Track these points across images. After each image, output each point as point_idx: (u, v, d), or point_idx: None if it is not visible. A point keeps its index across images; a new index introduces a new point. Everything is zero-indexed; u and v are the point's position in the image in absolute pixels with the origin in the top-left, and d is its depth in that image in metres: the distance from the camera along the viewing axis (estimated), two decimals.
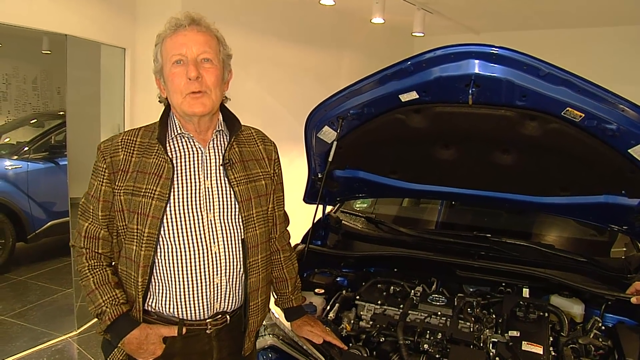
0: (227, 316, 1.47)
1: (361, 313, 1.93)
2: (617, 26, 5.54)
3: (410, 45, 6.35)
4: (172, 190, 1.37)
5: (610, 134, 1.61)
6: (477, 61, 1.57)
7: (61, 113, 5.72)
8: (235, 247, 1.44)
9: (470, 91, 1.63)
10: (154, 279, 1.40)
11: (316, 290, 2.04)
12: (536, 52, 1.61)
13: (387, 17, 4.46)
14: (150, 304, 1.43)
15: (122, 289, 1.43)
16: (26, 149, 5.02)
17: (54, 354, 3.35)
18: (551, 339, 1.70)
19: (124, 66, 3.76)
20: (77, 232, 1.45)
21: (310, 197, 2.32)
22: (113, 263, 1.48)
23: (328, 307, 1.99)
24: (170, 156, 1.40)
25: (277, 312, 1.81)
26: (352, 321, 1.88)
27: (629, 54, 5.54)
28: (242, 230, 1.45)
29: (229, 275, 1.44)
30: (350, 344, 1.75)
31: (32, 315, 3.86)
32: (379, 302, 1.93)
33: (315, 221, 2.26)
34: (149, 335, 1.40)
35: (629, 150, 1.64)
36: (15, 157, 4.93)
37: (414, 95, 1.74)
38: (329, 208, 2.53)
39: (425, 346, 1.66)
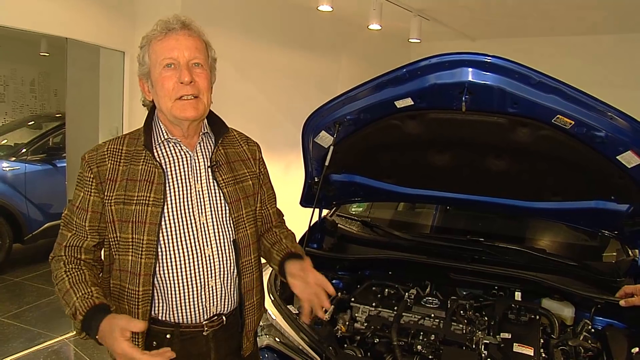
0: (223, 317, 1.47)
1: (356, 315, 1.96)
2: (611, 34, 5.60)
3: (406, 51, 6.38)
4: (165, 195, 1.36)
5: (599, 141, 1.65)
6: (470, 69, 1.60)
7: (58, 115, 5.74)
8: (228, 249, 1.44)
9: (463, 98, 1.66)
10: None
11: None
12: (531, 59, 1.64)
13: (384, 23, 4.50)
14: None
15: (99, 287, 1.33)
16: (24, 150, 5.03)
17: (50, 354, 3.36)
18: (542, 341, 1.74)
19: (123, 69, 3.78)
20: (58, 243, 1.39)
21: (306, 200, 2.34)
22: (100, 274, 1.42)
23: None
24: (159, 161, 1.39)
25: (273, 312, 1.84)
26: (347, 322, 1.91)
27: (621, 61, 5.60)
28: (233, 231, 1.45)
29: (223, 277, 1.44)
30: (345, 345, 1.78)
31: (29, 316, 3.88)
32: (374, 304, 1.96)
33: (311, 224, 2.28)
34: (112, 324, 1.21)
35: (617, 157, 1.68)
36: (13, 158, 4.94)
37: (409, 101, 1.77)
38: (325, 211, 2.56)
39: (419, 347, 1.69)
